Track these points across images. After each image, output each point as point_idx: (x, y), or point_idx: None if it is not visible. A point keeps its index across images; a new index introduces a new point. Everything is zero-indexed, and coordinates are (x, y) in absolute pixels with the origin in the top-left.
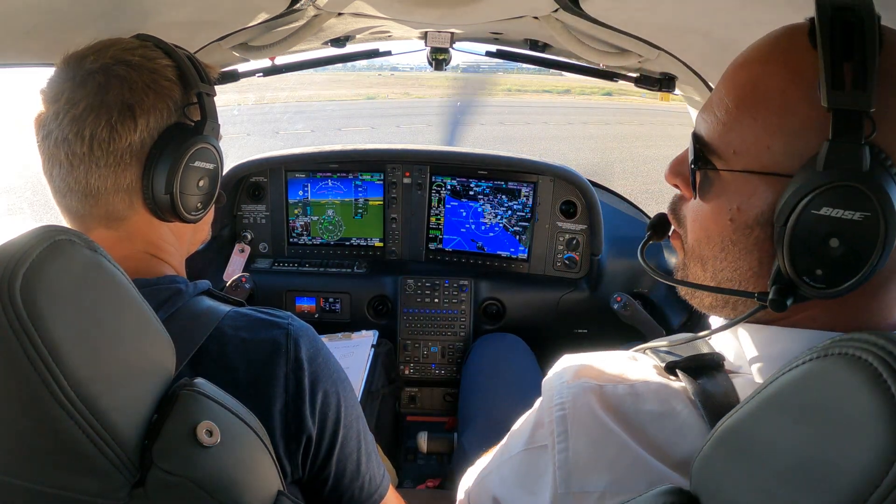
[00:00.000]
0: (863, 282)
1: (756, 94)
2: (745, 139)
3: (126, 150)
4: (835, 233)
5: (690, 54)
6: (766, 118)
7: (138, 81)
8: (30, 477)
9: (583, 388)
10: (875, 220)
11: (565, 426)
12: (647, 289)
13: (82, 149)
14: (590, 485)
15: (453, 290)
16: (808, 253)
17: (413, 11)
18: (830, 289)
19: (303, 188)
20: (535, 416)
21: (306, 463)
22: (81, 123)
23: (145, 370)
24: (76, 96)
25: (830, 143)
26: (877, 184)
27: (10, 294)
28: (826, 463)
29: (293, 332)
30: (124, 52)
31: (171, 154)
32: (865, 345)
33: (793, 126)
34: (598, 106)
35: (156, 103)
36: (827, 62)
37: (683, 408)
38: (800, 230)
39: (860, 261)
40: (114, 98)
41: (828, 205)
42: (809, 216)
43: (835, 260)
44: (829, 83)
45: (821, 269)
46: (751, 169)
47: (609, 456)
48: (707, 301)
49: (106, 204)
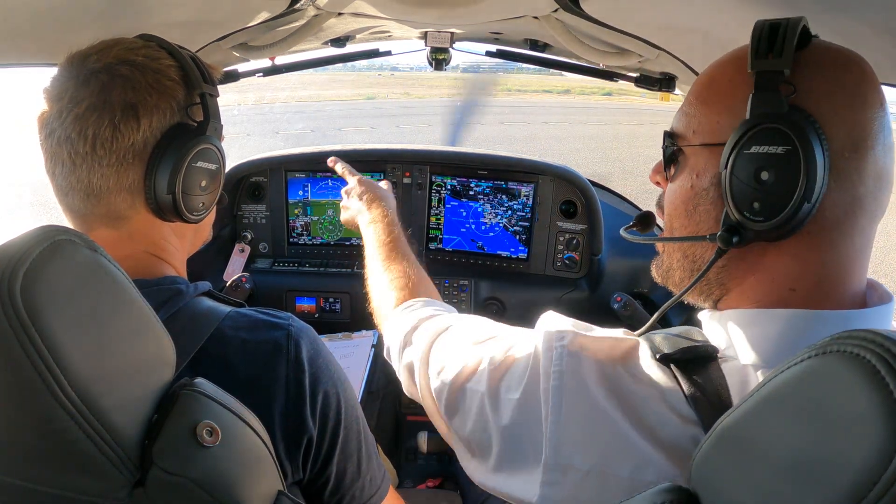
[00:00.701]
0: (795, 214)
1: (711, 86)
2: (700, 121)
3: (129, 150)
4: (763, 166)
5: (690, 54)
6: (717, 101)
7: (142, 81)
8: (30, 477)
9: (581, 360)
10: (796, 152)
11: (560, 398)
12: (647, 289)
13: (85, 148)
14: (576, 460)
15: (453, 290)
16: (744, 189)
17: (413, 11)
18: (768, 221)
19: (303, 188)
20: (532, 365)
21: (307, 464)
22: (84, 122)
23: (145, 370)
24: (79, 95)
25: (753, 96)
26: (793, 121)
27: (9, 294)
28: (825, 460)
29: (294, 333)
30: (128, 51)
31: (173, 154)
32: (864, 342)
33: (734, 102)
34: (598, 106)
35: (159, 103)
36: (754, 45)
37: (675, 396)
38: (737, 170)
39: (789, 190)
40: (117, 97)
41: (756, 143)
42: (742, 157)
43: (767, 191)
44: (754, 53)
45: (757, 203)
46: (705, 142)
47: (598, 434)
48: (678, 274)
49: (108, 203)
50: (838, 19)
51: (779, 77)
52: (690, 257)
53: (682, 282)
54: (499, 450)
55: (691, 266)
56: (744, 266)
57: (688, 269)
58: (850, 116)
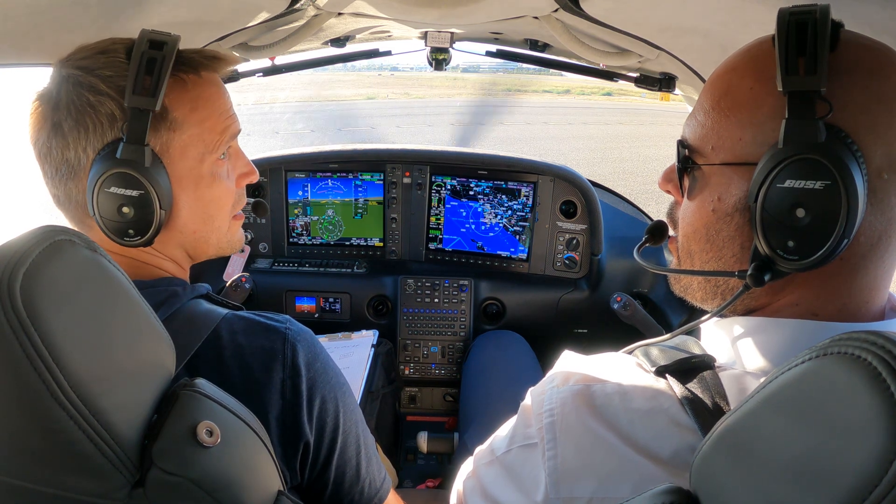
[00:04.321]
0: (834, 251)
1: (729, 95)
2: (720, 136)
3: (62, 164)
4: (800, 203)
5: (690, 54)
6: (737, 114)
7: (77, 96)
8: (29, 477)
9: (571, 392)
10: (836, 188)
11: (554, 433)
12: (647, 289)
13: (38, 158)
14: (577, 491)
15: (453, 290)
16: (778, 225)
17: (413, 11)
18: (803, 260)
19: (303, 188)
20: (523, 417)
21: (305, 469)
22: (37, 132)
23: (145, 370)
24: (39, 102)
25: (787, 122)
26: (833, 153)
27: (9, 294)
28: (825, 462)
29: (290, 337)
30: (82, 59)
31: (93, 175)
32: (865, 344)
33: (760, 117)
34: (598, 106)
35: (86, 121)
36: (782, 55)
37: (671, 405)
38: (769, 204)
39: (828, 229)
40: (58, 112)
41: (790, 177)
42: (776, 191)
43: (804, 230)
44: (784, 70)
45: (792, 241)
46: (727, 161)
47: (596, 461)
48: (699, 294)
49: (71, 213)
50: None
51: (814, 95)
52: (713, 281)
53: (704, 301)
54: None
55: (714, 289)
56: (768, 291)
57: (709, 291)
58: (888, 134)
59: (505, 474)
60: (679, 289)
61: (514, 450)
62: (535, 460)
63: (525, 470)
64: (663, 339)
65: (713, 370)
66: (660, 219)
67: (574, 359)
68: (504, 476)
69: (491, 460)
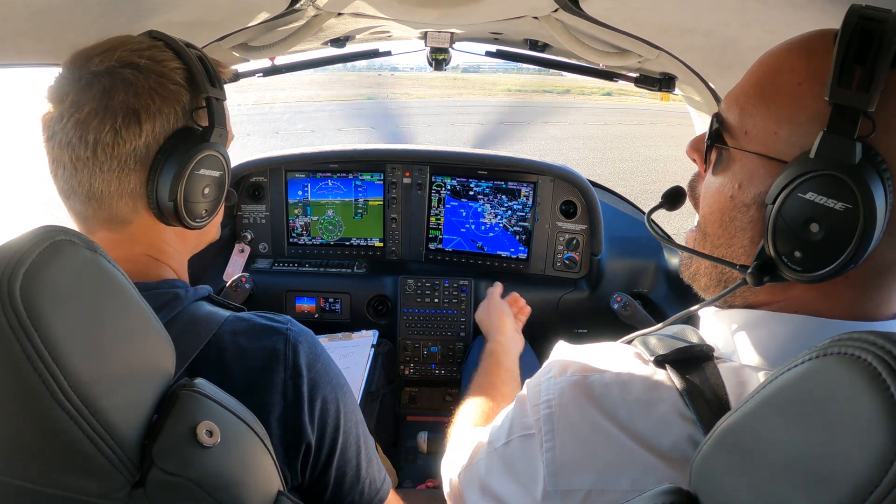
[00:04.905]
0: (838, 272)
1: (776, 84)
2: (756, 123)
3: (130, 155)
4: (816, 218)
5: (690, 54)
6: (779, 107)
7: (144, 85)
8: (30, 477)
9: (569, 383)
10: (855, 213)
11: (552, 424)
12: (647, 289)
13: (86, 153)
14: (576, 483)
15: (453, 290)
16: (789, 233)
17: (413, 11)
18: (806, 273)
19: (303, 188)
20: (520, 408)
21: (305, 470)
22: (85, 128)
23: (145, 370)
24: (81, 99)
25: (824, 134)
26: (862, 178)
27: (9, 294)
28: (825, 463)
29: (292, 338)
30: (132, 53)
31: (176, 160)
32: (865, 344)
33: (801, 118)
34: (598, 106)
35: (162, 108)
36: (839, 61)
37: (670, 395)
38: (785, 210)
39: (837, 251)
40: (119, 102)
41: (813, 190)
42: (796, 199)
43: (813, 245)
44: (837, 80)
45: (800, 252)
46: (757, 151)
47: (595, 452)
48: (703, 281)
49: (109, 208)
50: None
51: (858, 116)
52: (719, 268)
53: (707, 289)
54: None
55: (718, 277)
56: (769, 291)
57: (714, 280)
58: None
59: (503, 466)
60: (688, 275)
61: (514, 440)
62: (533, 452)
63: (523, 462)
64: (662, 325)
65: (712, 360)
66: (678, 185)
67: (570, 349)
68: (502, 468)
69: (489, 452)
